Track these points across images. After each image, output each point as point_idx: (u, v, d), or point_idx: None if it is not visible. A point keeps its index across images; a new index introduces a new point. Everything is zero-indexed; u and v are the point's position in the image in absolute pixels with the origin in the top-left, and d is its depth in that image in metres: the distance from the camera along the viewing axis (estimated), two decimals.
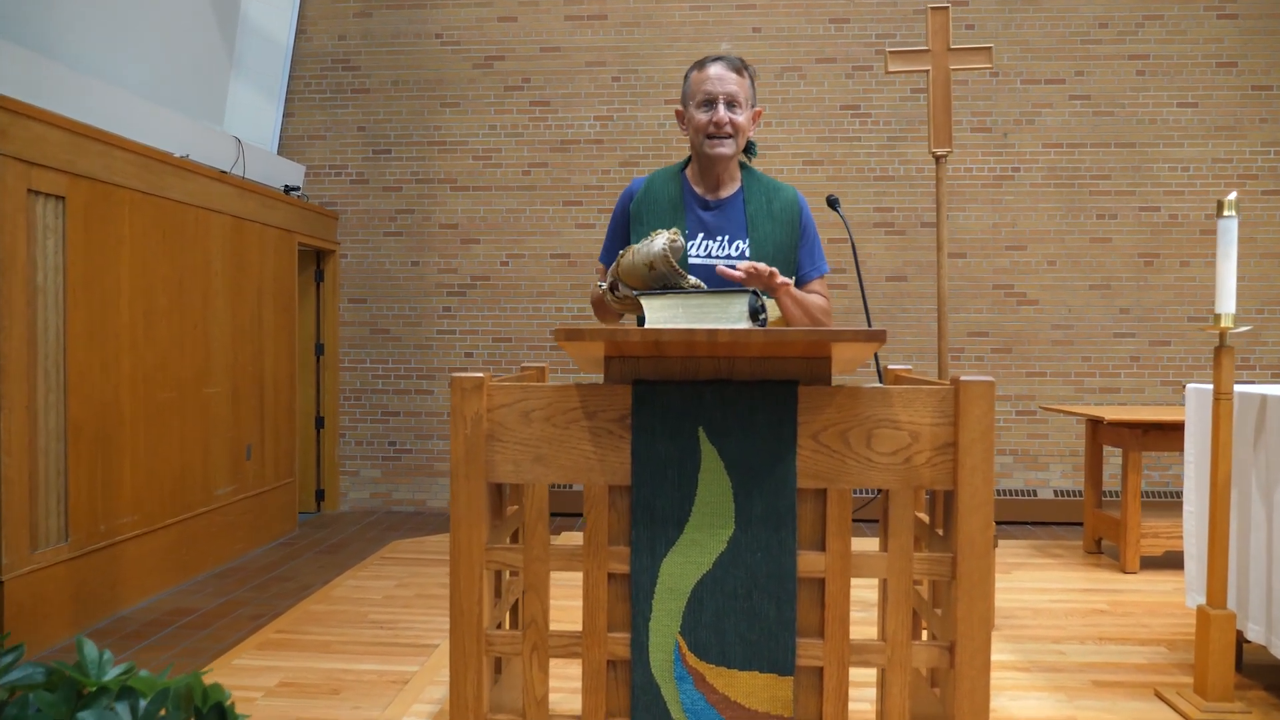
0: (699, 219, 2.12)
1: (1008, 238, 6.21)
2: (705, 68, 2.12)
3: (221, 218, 5.02)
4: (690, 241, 2.11)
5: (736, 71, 2.13)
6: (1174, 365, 6.14)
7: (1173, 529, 3.47)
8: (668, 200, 2.13)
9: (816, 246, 2.20)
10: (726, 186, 2.16)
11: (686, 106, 2.16)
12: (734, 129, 2.09)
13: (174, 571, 4.53)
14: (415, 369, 6.50)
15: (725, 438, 1.45)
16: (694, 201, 2.15)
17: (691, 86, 2.14)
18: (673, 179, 2.17)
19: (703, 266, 2.07)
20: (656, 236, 1.57)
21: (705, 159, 2.11)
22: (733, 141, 2.09)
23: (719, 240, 2.11)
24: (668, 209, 2.12)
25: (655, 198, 2.14)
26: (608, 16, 6.34)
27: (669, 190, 2.15)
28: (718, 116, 2.06)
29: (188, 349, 4.65)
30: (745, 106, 2.12)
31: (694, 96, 2.11)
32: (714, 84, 2.08)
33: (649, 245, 1.55)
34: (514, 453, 1.48)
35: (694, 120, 2.11)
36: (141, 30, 5.02)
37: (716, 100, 2.07)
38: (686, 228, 2.11)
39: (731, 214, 2.12)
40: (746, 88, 2.12)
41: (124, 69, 4.91)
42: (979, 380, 1.40)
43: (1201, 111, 6.13)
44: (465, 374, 1.47)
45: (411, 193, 6.49)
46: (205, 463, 4.83)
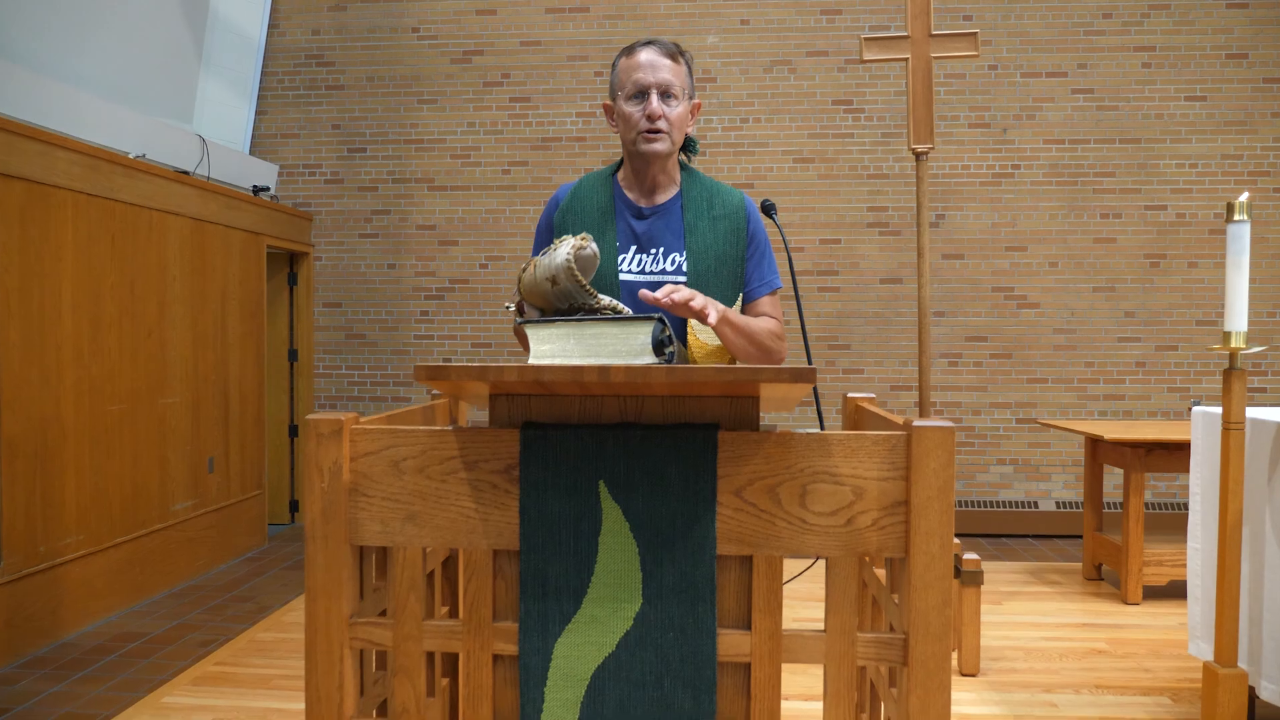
0: (630, 229, 1.86)
1: (1007, 238, 5.95)
2: (634, 54, 1.84)
3: (180, 220, 4.79)
4: (621, 255, 1.85)
5: (671, 57, 1.84)
6: (1181, 371, 5.87)
7: (1178, 556, 3.22)
8: (596, 208, 1.87)
9: (766, 258, 1.91)
10: (663, 190, 1.89)
11: (615, 99, 1.89)
12: (669, 123, 1.81)
13: (125, 593, 4.30)
14: (392, 375, 6.27)
15: (631, 493, 1.21)
16: (625, 209, 1.88)
17: (620, 76, 1.87)
18: (603, 184, 1.91)
19: (634, 283, 1.82)
20: (560, 244, 1.33)
21: (638, 159, 1.84)
22: (668, 137, 1.82)
23: (653, 253, 1.85)
24: (596, 218, 1.86)
25: (583, 205, 1.88)
26: (590, 9, 6.10)
27: (598, 197, 1.89)
28: (650, 109, 1.79)
29: (141, 358, 4.43)
30: (682, 97, 1.84)
31: (623, 87, 1.84)
32: (645, 72, 1.80)
33: (551, 256, 1.31)
34: (382, 510, 1.24)
35: (624, 115, 1.84)
36: (104, 28, 4.80)
37: (649, 91, 1.80)
38: (617, 239, 1.85)
39: (668, 222, 1.86)
40: (683, 76, 1.84)
41: (84, 68, 4.69)
42: (936, 426, 1.16)
43: (1210, 105, 5.85)
44: (322, 415, 1.23)
45: (388, 193, 6.26)
46: (162, 477, 4.60)
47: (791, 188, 6.01)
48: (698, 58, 6.06)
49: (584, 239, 1.36)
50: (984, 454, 5.96)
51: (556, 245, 1.34)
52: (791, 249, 5.99)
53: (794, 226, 6.01)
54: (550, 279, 1.29)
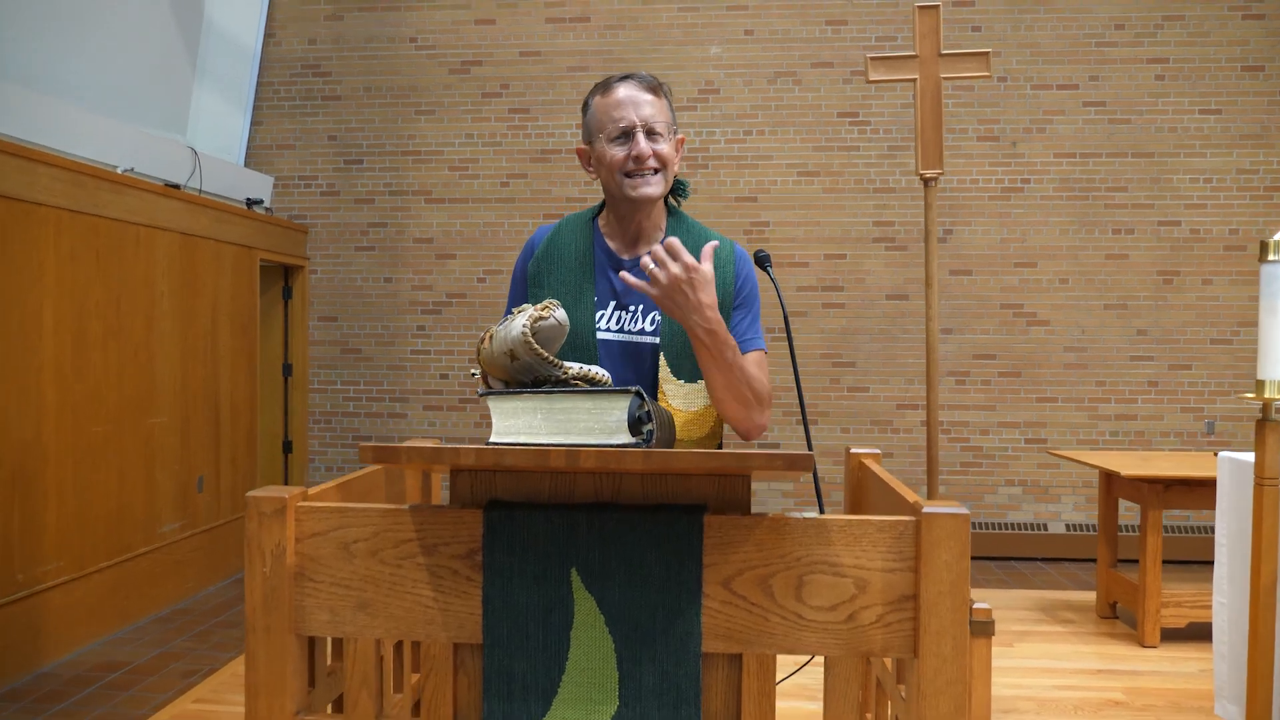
0: (610, 283, 1.69)
1: (1017, 254, 5.81)
2: (611, 90, 1.67)
3: (168, 235, 4.68)
4: (600, 311, 1.67)
5: (652, 91, 1.67)
6: (1195, 391, 5.73)
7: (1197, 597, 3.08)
8: (574, 258, 1.70)
9: (752, 314, 1.71)
10: (647, 239, 1.71)
11: (593, 142, 1.70)
12: (660, 162, 1.65)
13: (109, 619, 4.19)
14: (388, 391, 6.15)
15: (606, 582, 1.08)
16: (606, 260, 1.71)
17: (597, 116, 1.69)
18: (582, 230, 1.74)
19: (613, 343, 1.65)
20: (518, 314, 1.20)
21: (625, 204, 1.67)
22: (660, 178, 1.65)
23: (631, 310, 1.67)
24: (574, 269, 1.69)
25: (560, 255, 1.72)
26: (591, 19, 5.99)
27: (576, 245, 1.72)
28: (639, 149, 1.62)
29: (127, 377, 4.32)
30: (667, 135, 1.67)
31: (602, 128, 1.67)
32: (627, 109, 1.64)
33: (507, 328, 1.18)
34: (330, 597, 1.12)
35: (606, 157, 1.66)
36: (92, 38, 4.70)
37: (634, 129, 1.63)
38: (595, 294, 1.67)
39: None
40: (666, 111, 1.68)
41: (71, 80, 4.58)
42: (948, 513, 1.03)
43: (1225, 119, 5.71)
44: (264, 492, 1.11)
45: (384, 205, 6.15)
46: (148, 498, 4.49)
47: (795, 201, 5.89)
48: (700, 69, 5.94)
49: (546, 307, 1.23)
50: (992, 475, 5.82)
51: (515, 315, 1.21)
52: (795, 264, 5.87)
53: (798, 241, 5.89)
54: (508, 353, 1.17)
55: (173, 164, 5.05)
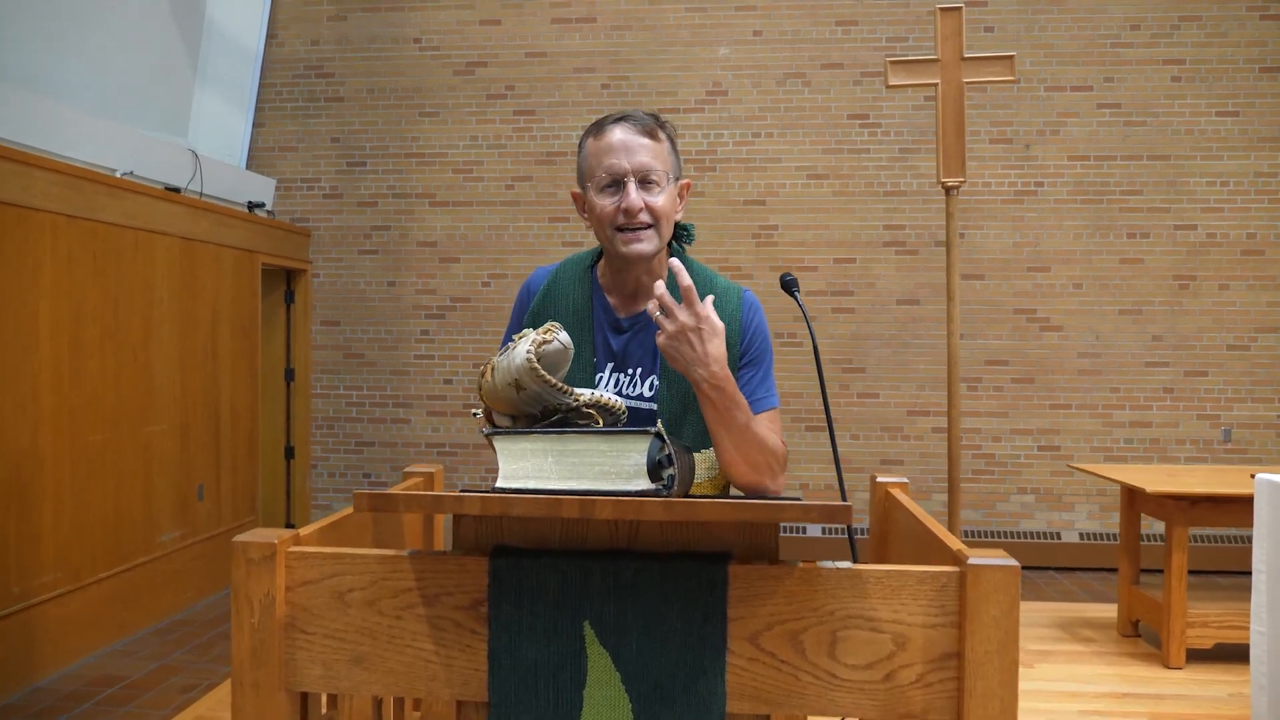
0: (608, 345, 1.54)
1: (1030, 258, 5.71)
2: (604, 133, 1.51)
3: (168, 239, 4.61)
4: (598, 374, 1.54)
5: (648, 134, 1.50)
6: (1212, 398, 5.63)
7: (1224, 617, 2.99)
8: (572, 314, 1.57)
9: (763, 369, 1.54)
10: (648, 293, 1.54)
11: (584, 188, 1.54)
12: (653, 216, 1.48)
13: (107, 631, 4.12)
14: (391, 396, 6.07)
15: (623, 638, 1.00)
16: (604, 318, 1.56)
17: (588, 161, 1.52)
18: (580, 281, 1.60)
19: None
20: (520, 340, 1.11)
21: (617, 259, 1.53)
22: (653, 233, 1.49)
23: (630, 373, 1.53)
24: (571, 325, 1.54)
25: (558, 305, 1.58)
26: (597, 19, 5.90)
27: (575, 297, 1.58)
28: (629, 202, 1.46)
29: (125, 384, 4.24)
30: (666, 182, 1.50)
31: (593, 175, 1.51)
32: (618, 155, 1.47)
33: (510, 357, 1.10)
34: (324, 650, 1.04)
35: (595, 209, 1.50)
36: (90, 39, 4.62)
37: (625, 178, 1.47)
38: (595, 354, 1.54)
39: (647, 335, 1.54)
40: (665, 155, 1.51)
41: (69, 81, 4.51)
42: (997, 565, 0.95)
43: (1243, 121, 5.61)
44: (252, 537, 1.02)
45: (388, 208, 6.07)
46: (147, 507, 4.41)
47: (805, 205, 5.80)
48: (708, 70, 5.85)
49: (549, 330, 1.13)
50: (1004, 483, 5.73)
51: (515, 342, 1.12)
52: (804, 269, 5.78)
53: (807, 245, 5.80)
54: (513, 384, 1.08)
55: (173, 167, 4.98)
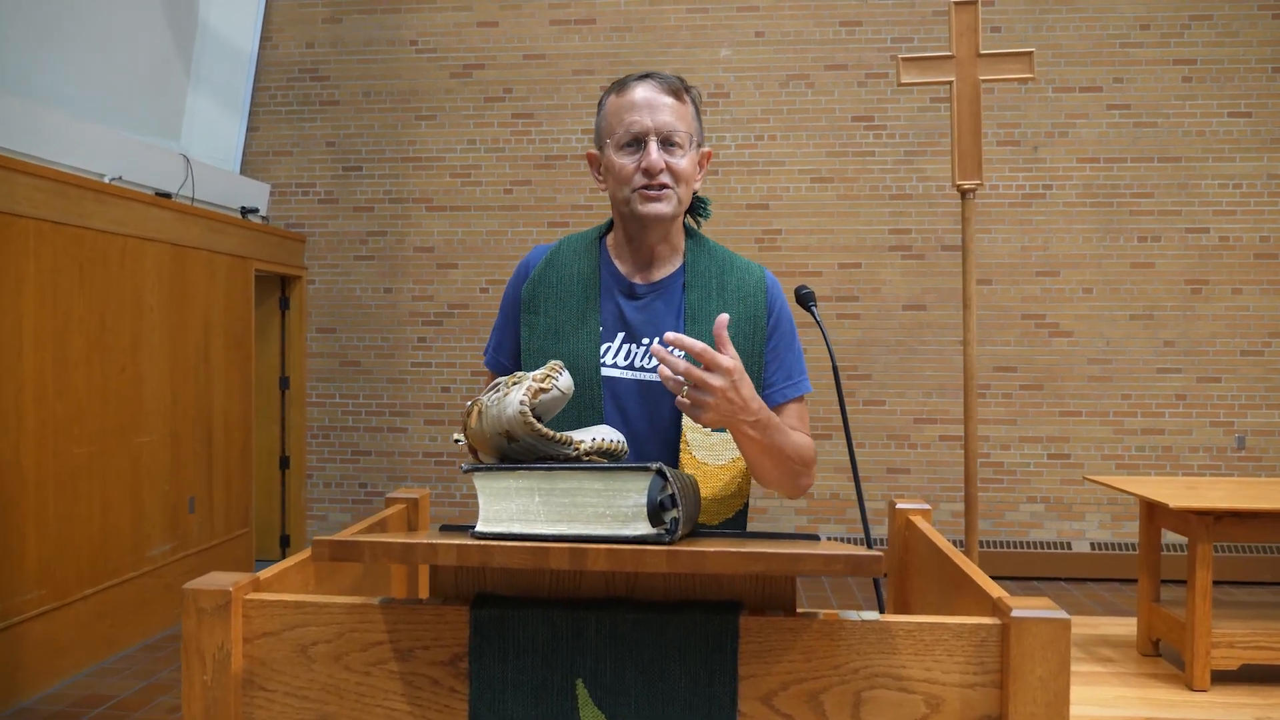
0: (619, 311, 1.45)
1: (1038, 262, 5.60)
2: (627, 90, 1.42)
3: (158, 246, 4.50)
4: (605, 344, 1.43)
5: (674, 94, 1.42)
6: (1225, 404, 5.51)
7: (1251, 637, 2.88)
8: (577, 282, 1.46)
9: (793, 353, 1.46)
10: (663, 263, 1.47)
11: (602, 148, 1.46)
12: (674, 177, 1.40)
13: (93, 648, 4.00)
14: (388, 404, 5.97)
15: (620, 697, 0.89)
16: (615, 285, 1.47)
17: (608, 119, 1.44)
18: (587, 251, 1.50)
19: (620, 381, 1.41)
20: (515, 385, 1.00)
21: (633, 223, 1.43)
22: (673, 195, 1.40)
23: (645, 344, 1.43)
24: (576, 294, 1.45)
25: (560, 278, 1.47)
26: (596, 21, 5.80)
27: (580, 267, 1.48)
28: (649, 160, 1.37)
29: (112, 396, 4.13)
30: (688, 145, 1.42)
31: (612, 133, 1.42)
32: (641, 113, 1.39)
33: (501, 404, 0.98)
34: (285, 710, 0.93)
35: (614, 167, 1.42)
36: (79, 41, 4.52)
37: (646, 136, 1.39)
38: (601, 324, 1.44)
39: (666, 303, 1.45)
40: (689, 118, 1.43)
41: (56, 85, 4.41)
42: (1045, 618, 0.83)
43: (1255, 122, 5.50)
44: (204, 583, 0.91)
45: (384, 213, 5.97)
46: (136, 521, 4.30)
47: (809, 209, 5.69)
48: (709, 72, 5.74)
49: (551, 371, 1.02)
50: (1013, 491, 5.61)
51: (510, 385, 1.01)
52: (808, 274, 5.67)
53: (811, 250, 5.69)
54: (503, 434, 0.97)
55: (164, 172, 4.88)
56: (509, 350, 1.50)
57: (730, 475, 1.39)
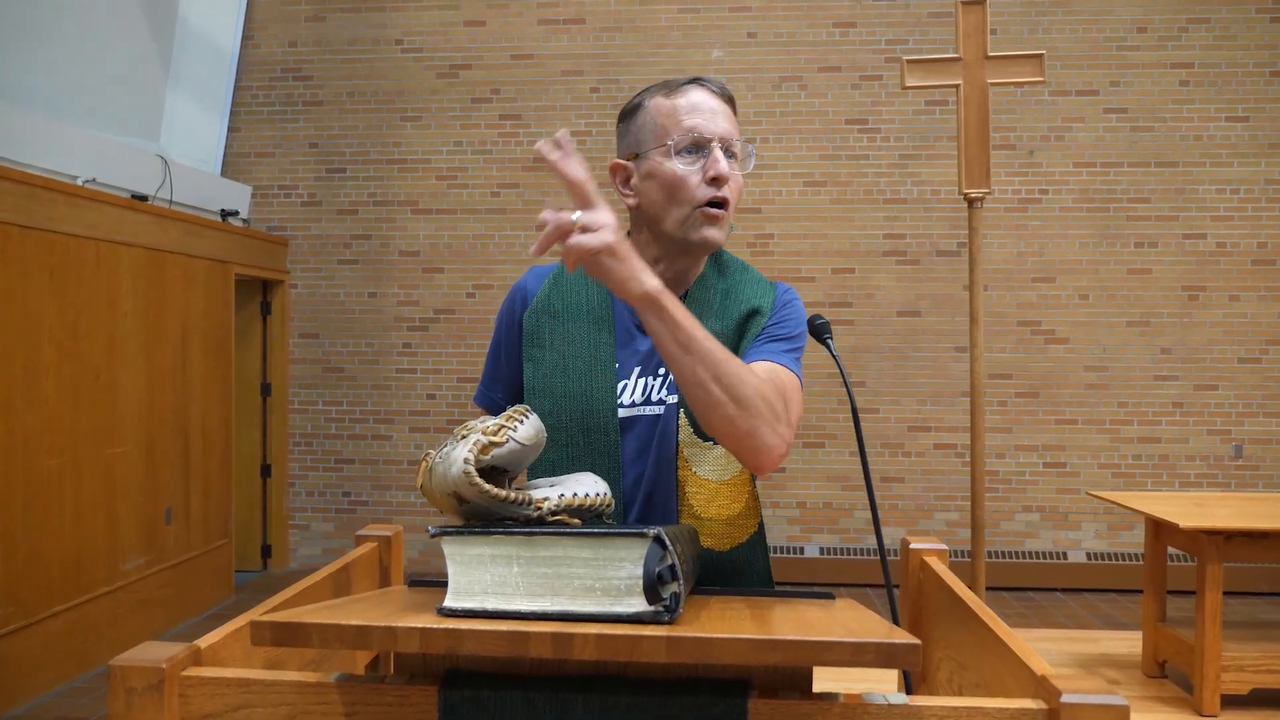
0: (635, 345, 1.28)
1: (1034, 268, 5.52)
2: (681, 91, 1.25)
3: (133, 251, 4.37)
4: (622, 380, 1.26)
5: (729, 102, 1.28)
6: (1223, 413, 5.44)
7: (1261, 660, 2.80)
8: (587, 312, 1.29)
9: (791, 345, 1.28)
10: (683, 287, 1.31)
11: (646, 152, 1.26)
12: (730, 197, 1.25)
13: (65, 667, 3.87)
14: (372, 412, 5.84)
15: None
16: (629, 315, 1.28)
17: (659, 121, 1.25)
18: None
19: (635, 420, 1.25)
20: (459, 443, 0.88)
21: (672, 245, 1.26)
22: (727, 219, 1.25)
23: (662, 375, 1.26)
24: (588, 327, 1.28)
25: (567, 306, 1.30)
26: (586, 21, 5.69)
27: (590, 294, 1.30)
28: (719, 169, 1.21)
29: (84, 405, 4.00)
30: (741, 164, 1.27)
31: (667, 135, 1.23)
32: (705, 117, 1.23)
33: (447, 460, 0.87)
34: None
35: (667, 177, 1.23)
36: (53, 39, 4.39)
37: (711, 144, 1.22)
38: (616, 359, 1.26)
39: None
40: (737, 131, 1.28)
41: (27, 84, 4.27)
42: (1102, 704, 0.73)
43: (1253, 126, 5.43)
44: (135, 658, 0.80)
45: (368, 216, 5.84)
46: (110, 535, 4.17)
47: (802, 213, 5.59)
48: (701, 73, 5.61)
49: (507, 421, 0.90)
50: (1009, 500, 5.53)
51: (455, 442, 0.89)
52: (801, 279, 5.57)
53: (804, 254, 5.59)
54: (452, 494, 0.86)
55: (141, 174, 4.74)
56: (505, 385, 1.35)
57: (735, 492, 1.26)
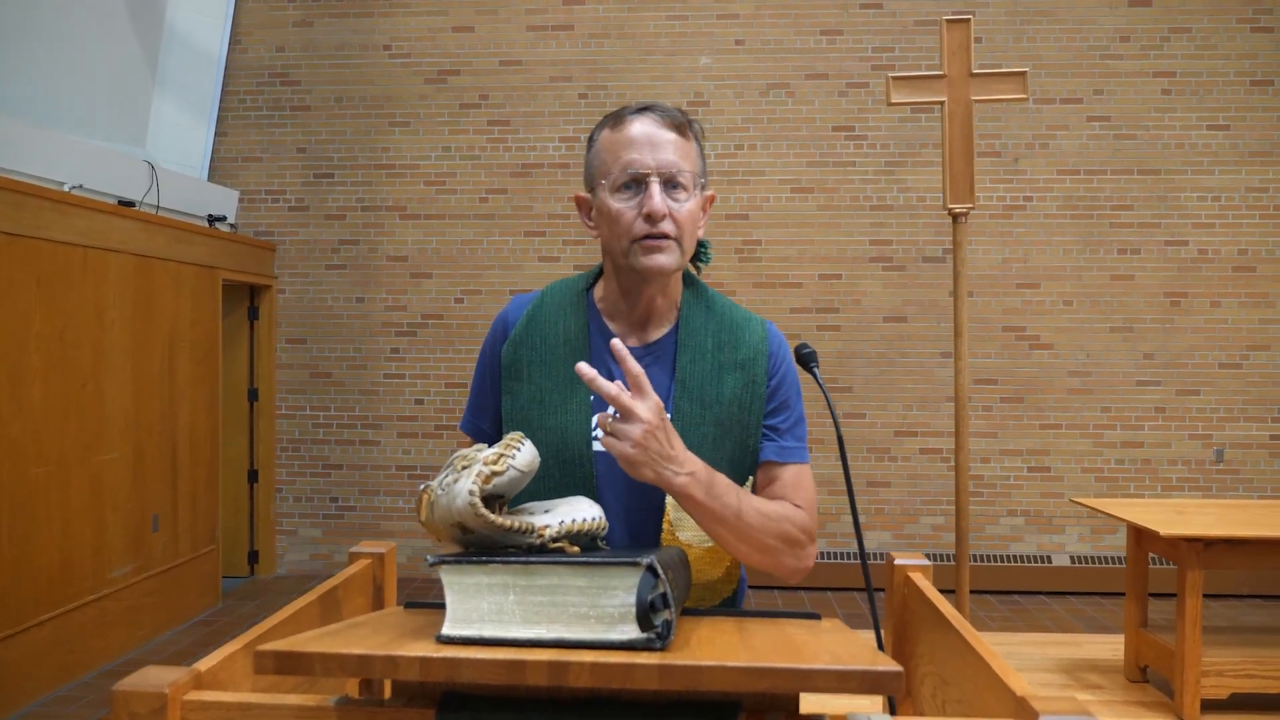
0: (612, 379, 1.21)
1: (1019, 274, 5.57)
2: (624, 125, 1.26)
3: (121, 257, 4.36)
4: (597, 413, 1.25)
5: (677, 130, 1.26)
6: (1204, 417, 5.50)
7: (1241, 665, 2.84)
8: (564, 344, 1.30)
9: (796, 415, 1.34)
10: (660, 321, 1.33)
11: (594, 189, 1.29)
12: (678, 226, 1.24)
13: (51, 676, 3.86)
14: (360, 417, 5.83)
15: None
16: (606, 348, 1.29)
17: (602, 157, 1.28)
18: (573, 306, 1.33)
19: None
20: (464, 471, 0.90)
21: (630, 276, 1.28)
22: (675, 247, 1.25)
23: None
24: (564, 359, 1.29)
25: (544, 339, 1.31)
26: (574, 27, 5.71)
27: (567, 326, 1.32)
28: (652, 205, 1.21)
29: (72, 413, 3.99)
30: (693, 188, 1.27)
31: (607, 172, 1.26)
32: (642, 150, 1.23)
33: (450, 492, 0.88)
34: None
35: (609, 212, 1.25)
36: (39, 45, 4.38)
37: (647, 177, 1.23)
38: (592, 394, 1.25)
39: (662, 369, 1.30)
40: (693, 156, 1.28)
41: (15, 92, 4.27)
42: None
43: (1234, 135, 5.50)
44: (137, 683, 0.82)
45: (356, 221, 5.84)
46: (97, 542, 4.16)
47: (789, 219, 5.63)
48: (689, 80, 5.67)
49: (505, 449, 0.91)
50: (993, 504, 5.57)
51: (460, 468, 0.91)
52: (788, 285, 5.60)
53: (791, 261, 5.63)
54: (456, 525, 0.88)
55: (128, 179, 4.74)
56: (489, 414, 1.36)
57: (718, 556, 1.27)
